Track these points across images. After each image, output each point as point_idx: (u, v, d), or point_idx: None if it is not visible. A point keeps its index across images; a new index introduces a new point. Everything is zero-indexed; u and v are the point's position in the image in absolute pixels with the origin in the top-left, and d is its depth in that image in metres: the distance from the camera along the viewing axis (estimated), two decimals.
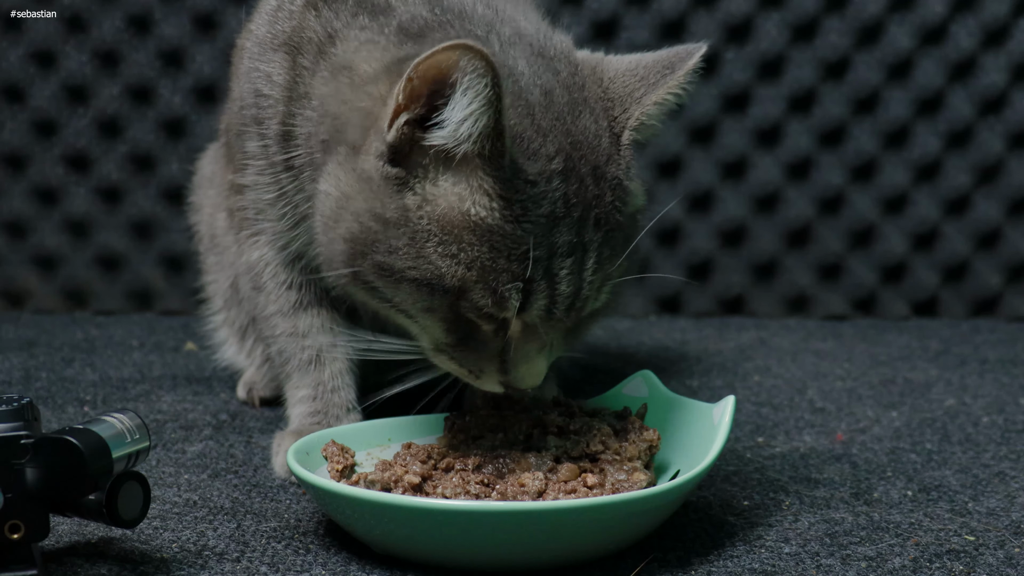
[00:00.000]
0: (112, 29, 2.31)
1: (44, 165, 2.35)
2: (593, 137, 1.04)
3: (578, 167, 1.02)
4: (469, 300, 1.01)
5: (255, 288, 1.34)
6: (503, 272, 0.99)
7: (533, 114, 1.01)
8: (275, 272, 1.31)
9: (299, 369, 1.32)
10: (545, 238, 1.00)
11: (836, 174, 2.39)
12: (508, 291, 0.99)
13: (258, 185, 1.26)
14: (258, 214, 1.28)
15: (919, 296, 2.42)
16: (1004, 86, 2.36)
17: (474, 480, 1.03)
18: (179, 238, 2.33)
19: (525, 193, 0.99)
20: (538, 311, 1.02)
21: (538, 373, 1.06)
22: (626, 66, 1.10)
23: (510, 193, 0.98)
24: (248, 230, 1.31)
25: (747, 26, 2.35)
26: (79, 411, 1.53)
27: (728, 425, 1.07)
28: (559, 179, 1.00)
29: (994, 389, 1.74)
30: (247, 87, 1.25)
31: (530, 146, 1.00)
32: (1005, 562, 1.03)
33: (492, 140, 0.97)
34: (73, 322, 2.24)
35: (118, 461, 0.93)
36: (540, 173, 0.99)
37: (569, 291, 1.02)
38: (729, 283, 2.42)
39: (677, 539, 1.07)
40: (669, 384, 1.27)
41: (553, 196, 1.00)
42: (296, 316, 1.32)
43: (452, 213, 0.99)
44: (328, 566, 1.00)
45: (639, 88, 1.08)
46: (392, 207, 1.01)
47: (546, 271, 1.00)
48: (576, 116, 1.04)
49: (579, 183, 1.01)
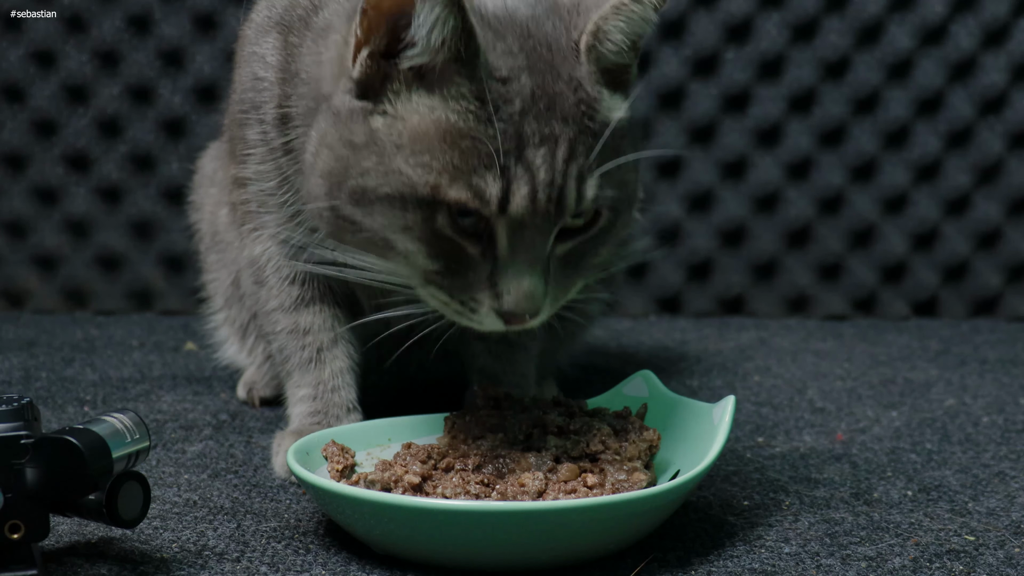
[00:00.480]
0: (112, 29, 2.31)
1: (44, 165, 2.35)
2: (552, 42, 1.05)
3: (542, 68, 1.03)
4: (445, 203, 1.00)
5: (257, 283, 1.34)
6: (477, 166, 1.00)
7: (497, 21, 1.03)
8: (278, 267, 1.31)
9: (299, 367, 1.32)
10: (516, 129, 1.00)
11: (836, 174, 2.39)
12: (485, 181, 0.99)
13: (260, 175, 1.26)
14: (260, 206, 1.28)
15: (919, 296, 2.42)
16: (1004, 86, 2.37)
17: (474, 480, 1.03)
18: (179, 238, 2.33)
19: (497, 91, 1.01)
20: (522, 200, 1.00)
21: (535, 295, 1.02)
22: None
23: (484, 93, 1.00)
24: (250, 224, 1.31)
25: (747, 26, 2.35)
26: (79, 411, 1.53)
27: (728, 425, 1.07)
28: (526, 74, 1.02)
29: (994, 389, 1.75)
30: (246, 72, 1.26)
31: (498, 46, 1.02)
32: (1005, 562, 1.03)
33: (465, 40, 0.99)
34: (73, 322, 2.24)
35: (118, 461, 0.93)
36: (511, 70, 1.01)
37: (547, 179, 1.01)
38: (729, 283, 2.42)
39: (677, 539, 1.07)
40: (669, 384, 1.27)
41: (523, 91, 1.01)
42: (298, 312, 1.32)
43: (423, 124, 1.01)
44: (328, 566, 1.00)
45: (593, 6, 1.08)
46: (360, 132, 1.03)
47: (520, 159, 1.00)
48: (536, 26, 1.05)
49: (541, 77, 1.03)
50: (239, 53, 1.31)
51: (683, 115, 2.37)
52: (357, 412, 1.30)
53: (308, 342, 1.31)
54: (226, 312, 1.57)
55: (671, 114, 2.37)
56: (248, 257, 1.34)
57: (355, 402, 1.31)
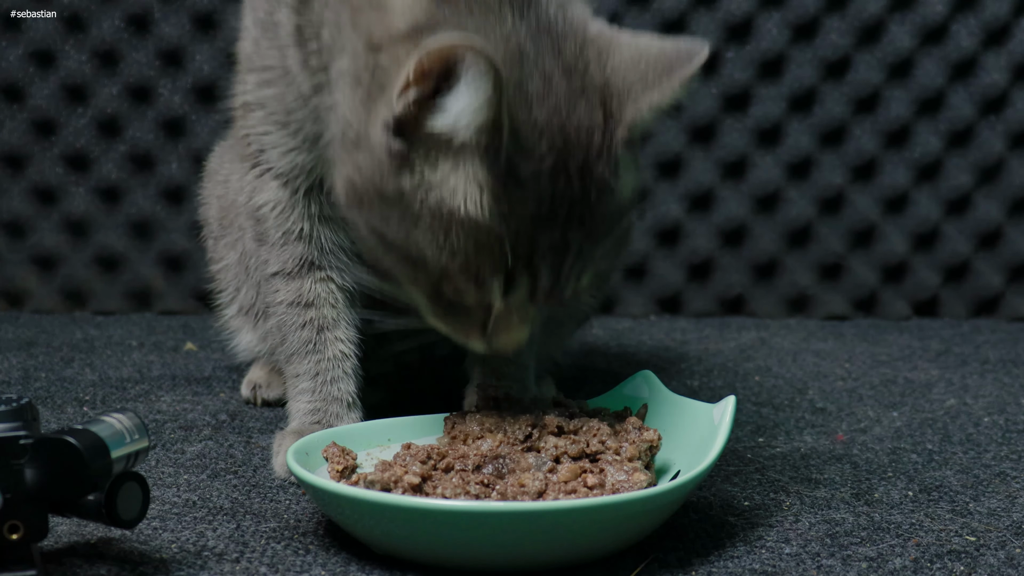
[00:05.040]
0: (112, 29, 2.31)
1: (43, 165, 2.35)
2: (586, 133, 1.03)
3: (567, 164, 1.01)
4: (451, 284, 1.03)
5: (258, 239, 1.30)
6: (486, 264, 1.01)
7: (531, 106, 1.00)
8: (281, 219, 1.27)
9: (298, 352, 1.29)
10: (529, 236, 1.01)
11: (836, 174, 2.39)
12: (489, 282, 1.02)
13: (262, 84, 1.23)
14: (266, 135, 1.25)
15: (920, 296, 2.42)
16: (1005, 86, 2.36)
17: (474, 480, 1.03)
18: (179, 238, 2.34)
19: (514, 193, 1.00)
20: (519, 298, 1.04)
21: (519, 341, 1.09)
22: (630, 56, 1.08)
23: (500, 190, 0.99)
24: (252, 159, 1.27)
25: (747, 26, 2.35)
26: (78, 411, 1.53)
27: (728, 425, 1.07)
28: (548, 178, 1.00)
29: (995, 389, 1.74)
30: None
31: (525, 144, 1.00)
32: (1006, 563, 1.03)
33: (489, 135, 0.98)
34: (72, 322, 2.24)
35: (117, 461, 0.92)
36: (532, 173, 1.00)
37: (548, 283, 1.04)
38: (729, 283, 2.42)
39: (677, 539, 1.07)
40: (669, 384, 1.27)
41: (541, 196, 1.00)
42: (301, 278, 1.28)
43: (444, 205, 1.00)
44: (328, 566, 0.99)
45: (638, 85, 1.06)
46: (391, 185, 1.02)
47: (527, 264, 1.02)
48: (572, 108, 1.02)
49: (566, 181, 1.01)
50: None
51: (683, 115, 2.37)
52: (357, 408, 1.29)
53: (310, 318, 1.28)
54: (238, 304, 1.54)
55: (671, 114, 2.37)
56: (250, 209, 1.29)
57: (355, 395, 1.29)
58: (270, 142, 1.25)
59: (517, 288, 1.04)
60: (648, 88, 1.05)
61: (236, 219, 1.44)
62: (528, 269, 1.02)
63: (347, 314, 1.30)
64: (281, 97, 1.22)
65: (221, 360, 1.76)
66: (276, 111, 1.23)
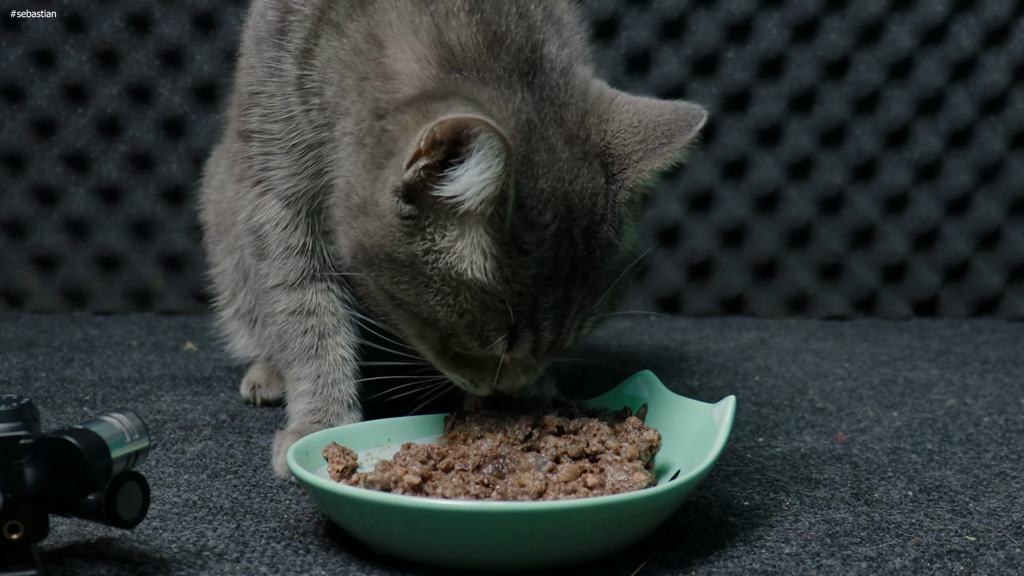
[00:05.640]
0: (112, 29, 2.31)
1: (43, 165, 2.34)
2: (589, 197, 1.06)
3: (571, 228, 1.05)
4: (458, 341, 1.07)
5: (258, 255, 1.31)
6: (491, 322, 1.05)
7: (536, 177, 1.04)
8: (283, 236, 1.28)
9: (299, 356, 1.30)
10: (531, 296, 1.05)
11: (836, 174, 2.39)
12: (494, 338, 1.06)
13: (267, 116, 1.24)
14: (265, 156, 1.26)
15: (920, 296, 2.42)
16: (1005, 86, 2.36)
17: (474, 480, 1.03)
18: (179, 238, 2.33)
19: (518, 259, 1.03)
20: (523, 352, 1.08)
21: (524, 386, 1.14)
22: (630, 121, 1.10)
23: (504, 256, 1.03)
24: (253, 178, 1.28)
25: (747, 26, 2.35)
26: (78, 411, 1.53)
27: (728, 425, 1.07)
28: (550, 243, 1.04)
29: (995, 389, 1.74)
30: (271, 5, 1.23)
31: (529, 214, 1.03)
32: (1006, 562, 1.03)
33: (496, 206, 1.01)
34: (72, 322, 2.24)
35: (117, 461, 0.92)
36: (535, 241, 1.04)
37: (551, 337, 1.08)
38: (729, 283, 2.42)
39: (677, 539, 1.07)
40: (669, 384, 1.27)
41: (543, 260, 1.04)
42: (303, 289, 1.30)
43: (452, 269, 1.04)
44: (328, 566, 0.99)
45: (638, 151, 1.09)
46: (402, 249, 1.05)
47: (530, 321, 1.06)
48: (575, 176, 1.06)
49: (570, 243, 1.05)
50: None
51: None
52: (357, 409, 1.30)
53: (311, 325, 1.29)
54: (234, 304, 1.55)
55: None
56: (250, 227, 1.30)
57: (355, 396, 1.30)
58: (274, 166, 1.27)
59: (521, 343, 1.07)
60: (649, 153, 1.09)
61: (232, 228, 1.45)
62: (531, 326, 1.06)
63: (347, 321, 1.31)
64: (285, 132, 1.24)
65: (221, 360, 1.76)
66: (280, 142, 1.25)
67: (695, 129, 1.09)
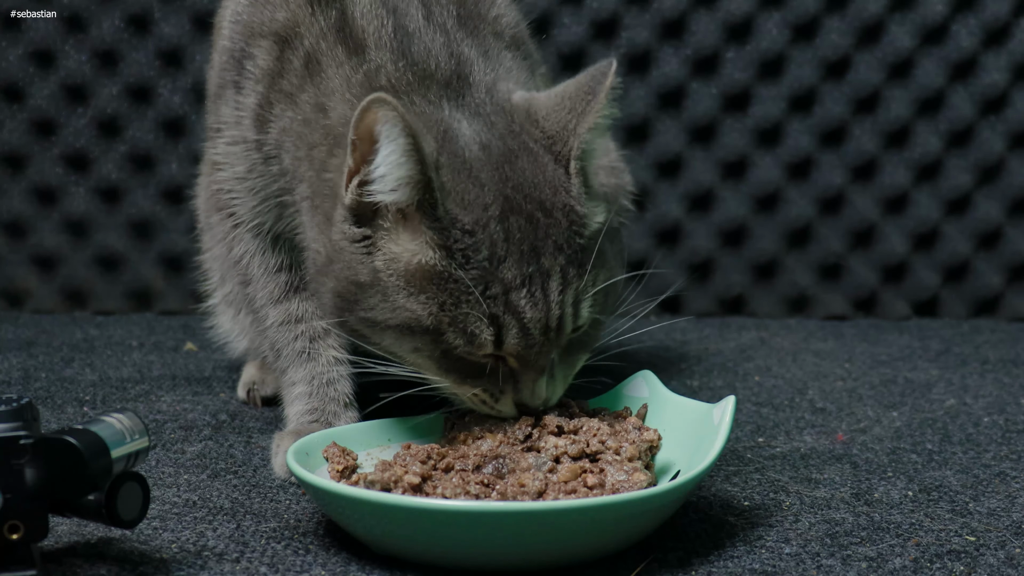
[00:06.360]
0: (111, 29, 2.31)
1: (43, 165, 2.34)
2: (534, 175, 1.10)
3: (523, 206, 1.08)
4: (448, 341, 1.07)
5: (243, 282, 1.36)
6: (467, 314, 1.06)
7: (471, 168, 1.08)
8: (262, 260, 1.34)
9: (293, 361, 1.32)
10: (494, 277, 1.06)
11: (836, 174, 2.39)
12: (477, 328, 1.06)
13: (230, 156, 1.30)
14: (231, 192, 1.32)
15: (920, 296, 2.42)
16: (1005, 86, 2.36)
17: (474, 480, 1.03)
18: (179, 238, 2.33)
19: (464, 242, 1.06)
20: (513, 341, 1.07)
21: (547, 393, 1.12)
22: (553, 102, 1.15)
23: (450, 243, 1.05)
24: (226, 210, 1.34)
25: (747, 26, 2.35)
26: (78, 411, 1.53)
27: (728, 425, 1.07)
28: (496, 222, 1.06)
29: (995, 389, 1.74)
30: (229, 59, 1.29)
31: (465, 198, 1.06)
32: (1006, 563, 1.03)
33: (421, 191, 1.05)
34: (73, 322, 2.24)
35: (117, 461, 0.92)
36: (476, 221, 1.06)
37: (538, 316, 1.07)
38: (729, 283, 2.42)
39: (677, 539, 1.07)
40: (669, 384, 1.27)
41: (492, 239, 1.06)
42: (288, 301, 1.33)
43: (411, 267, 1.06)
44: (328, 566, 1.00)
45: (571, 120, 1.13)
46: (364, 271, 1.08)
47: (507, 304, 1.06)
48: (513, 162, 1.10)
49: (526, 219, 1.08)
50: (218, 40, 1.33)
51: (683, 115, 2.37)
52: (354, 408, 1.30)
53: (301, 331, 1.32)
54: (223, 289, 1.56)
55: (671, 114, 2.37)
56: (233, 258, 1.36)
57: (351, 396, 1.31)
58: (240, 202, 1.32)
59: (507, 332, 1.06)
60: (580, 116, 1.13)
61: None
62: (509, 311, 1.06)
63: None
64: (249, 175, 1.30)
65: (221, 360, 1.76)
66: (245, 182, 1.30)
67: (610, 75, 1.13)
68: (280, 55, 1.22)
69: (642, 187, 1.15)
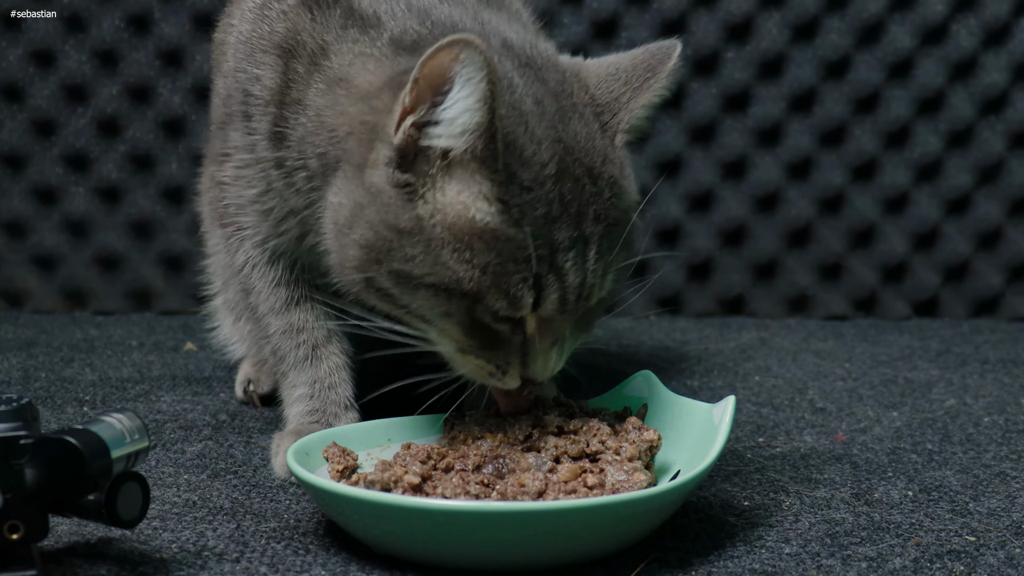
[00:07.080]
0: (111, 29, 2.31)
1: (43, 165, 2.34)
2: (585, 140, 1.08)
3: (572, 169, 1.05)
4: (484, 304, 1.04)
5: (245, 291, 1.35)
6: (513, 273, 1.02)
7: (527, 123, 1.04)
8: (263, 272, 1.32)
9: (295, 367, 1.32)
10: (546, 237, 1.03)
11: (836, 174, 2.39)
12: (520, 290, 1.03)
13: (240, 179, 1.27)
14: (239, 210, 1.30)
15: (920, 296, 2.42)
16: (1005, 86, 2.36)
17: (474, 480, 1.03)
18: (179, 238, 2.33)
19: (521, 198, 1.02)
20: (552, 304, 1.05)
21: (554, 366, 1.10)
22: (607, 71, 1.14)
23: (507, 197, 1.02)
24: (231, 226, 1.32)
25: (747, 26, 2.35)
26: (78, 411, 1.53)
27: (728, 425, 1.07)
28: (552, 182, 1.04)
29: (995, 389, 1.74)
30: (233, 85, 1.26)
31: (523, 153, 1.03)
32: (1006, 563, 1.03)
33: (485, 140, 1.00)
34: (72, 322, 2.24)
35: (117, 461, 0.92)
36: (535, 179, 1.03)
37: (577, 281, 1.05)
38: (729, 283, 2.42)
39: (677, 539, 1.07)
40: (669, 384, 1.27)
41: (548, 198, 1.03)
42: (289, 312, 1.33)
43: (460, 221, 1.02)
44: (328, 566, 0.99)
45: (624, 93, 1.12)
46: (406, 217, 1.04)
47: (551, 266, 1.04)
48: (566, 122, 1.08)
49: (574, 183, 1.05)
50: (221, 63, 1.31)
51: (683, 115, 2.37)
52: (354, 410, 1.30)
53: (303, 340, 1.32)
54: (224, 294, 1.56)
55: (671, 113, 2.37)
56: (235, 268, 1.35)
57: (352, 399, 1.31)
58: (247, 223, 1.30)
59: (548, 293, 1.04)
60: (636, 92, 1.12)
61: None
62: (554, 271, 1.04)
63: (338, 332, 1.33)
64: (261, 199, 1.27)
65: (221, 360, 1.76)
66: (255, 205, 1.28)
67: (674, 56, 1.13)
68: (285, 68, 1.20)
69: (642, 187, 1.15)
